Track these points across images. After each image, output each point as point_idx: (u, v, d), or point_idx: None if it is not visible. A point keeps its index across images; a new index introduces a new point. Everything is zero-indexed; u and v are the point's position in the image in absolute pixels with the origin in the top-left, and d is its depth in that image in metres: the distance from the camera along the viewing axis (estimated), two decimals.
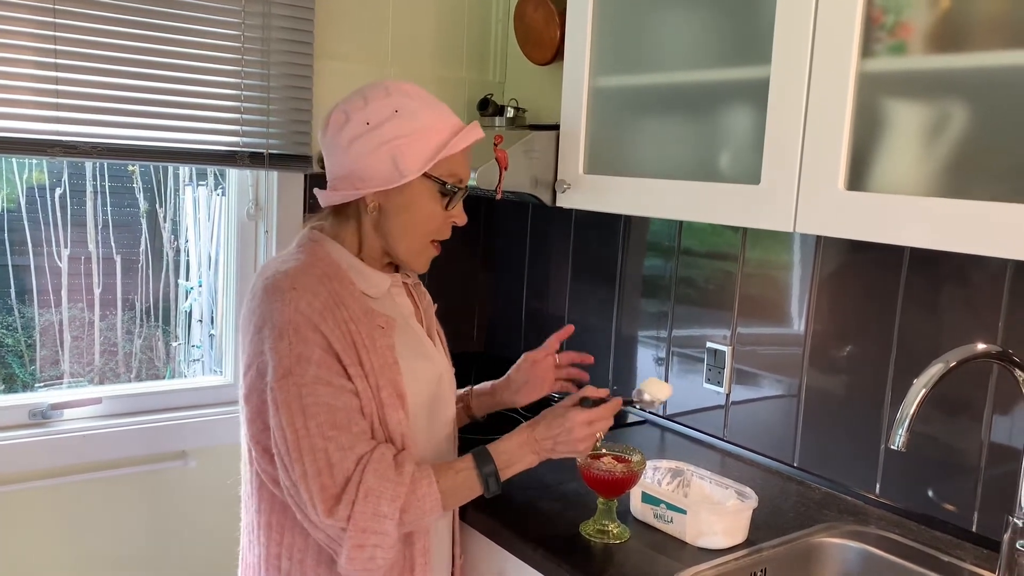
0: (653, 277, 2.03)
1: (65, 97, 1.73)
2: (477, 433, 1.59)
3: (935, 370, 1.14)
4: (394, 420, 1.23)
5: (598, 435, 1.30)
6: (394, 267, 1.38)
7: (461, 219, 1.32)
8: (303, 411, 1.16)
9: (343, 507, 1.14)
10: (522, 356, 1.51)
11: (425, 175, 1.25)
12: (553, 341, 1.50)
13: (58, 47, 1.71)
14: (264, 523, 1.29)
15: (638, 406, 1.39)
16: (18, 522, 1.84)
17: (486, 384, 1.54)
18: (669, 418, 2.00)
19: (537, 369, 1.48)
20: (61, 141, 1.73)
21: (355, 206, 1.29)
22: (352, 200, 1.28)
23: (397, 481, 1.16)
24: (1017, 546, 1.23)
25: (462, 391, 1.54)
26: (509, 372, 1.52)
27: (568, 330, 1.51)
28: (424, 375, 1.32)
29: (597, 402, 1.31)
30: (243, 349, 1.25)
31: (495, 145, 1.69)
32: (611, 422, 1.32)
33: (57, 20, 1.70)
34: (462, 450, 1.42)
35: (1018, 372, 1.20)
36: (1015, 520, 1.23)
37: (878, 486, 1.59)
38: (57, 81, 1.71)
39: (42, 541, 1.87)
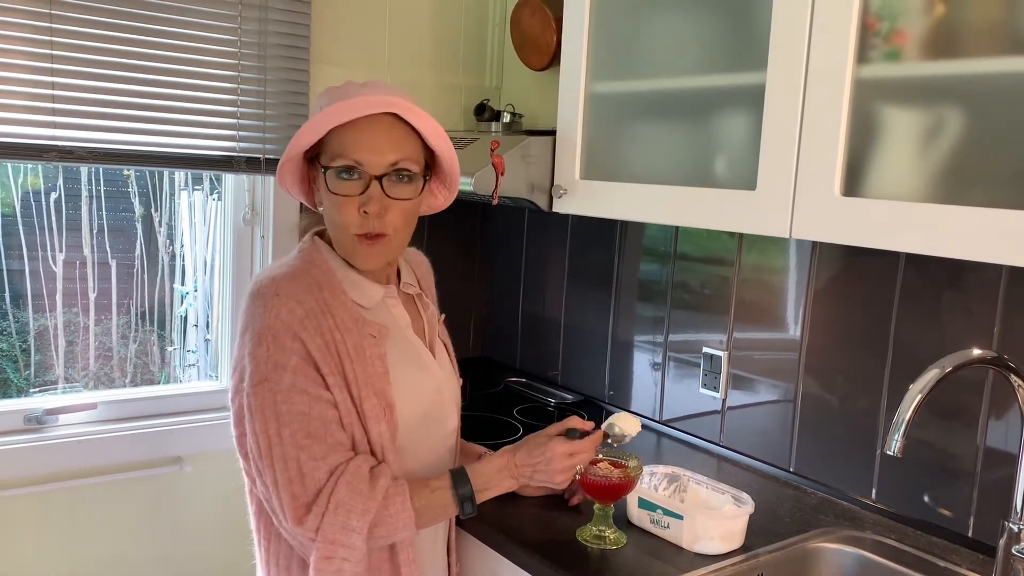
0: (649, 282, 2.03)
1: (61, 102, 1.73)
2: (477, 441, 1.59)
3: (931, 375, 1.14)
4: (375, 432, 1.22)
5: (578, 467, 1.30)
6: (397, 276, 1.37)
7: (370, 206, 1.19)
8: (277, 418, 1.16)
9: (312, 518, 1.14)
10: None
11: (312, 163, 1.25)
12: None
13: (55, 52, 1.71)
14: (255, 527, 1.29)
15: (609, 440, 1.38)
16: (12, 528, 1.83)
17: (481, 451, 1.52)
18: (666, 423, 2.00)
19: None
20: (57, 146, 1.73)
21: None
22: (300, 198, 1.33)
23: (369, 496, 1.16)
24: (1013, 551, 1.23)
25: (484, 451, 1.49)
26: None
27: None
28: (419, 386, 1.31)
29: (582, 434, 1.31)
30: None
31: (492, 151, 1.70)
32: (592, 455, 1.31)
33: (53, 25, 1.70)
34: None
35: (1013, 377, 1.20)
36: (1011, 525, 1.23)
37: (874, 491, 1.59)
38: (53, 86, 1.71)
39: (36, 547, 1.87)
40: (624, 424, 1.39)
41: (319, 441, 1.16)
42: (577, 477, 1.33)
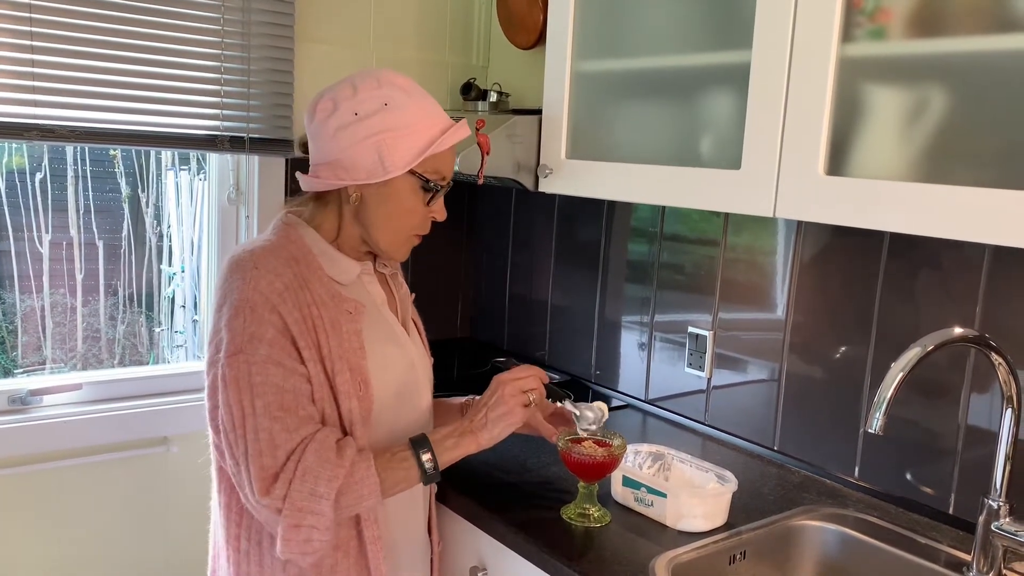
0: (636, 262, 2.03)
1: (42, 80, 1.71)
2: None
3: (912, 354, 1.15)
4: (346, 407, 1.22)
5: (531, 396, 1.27)
6: (372, 255, 1.37)
7: (441, 215, 1.32)
8: (251, 389, 1.16)
9: (280, 486, 1.14)
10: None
11: (410, 171, 1.25)
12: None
13: (34, 29, 1.69)
14: (224, 503, 1.29)
15: (582, 424, 1.39)
16: None
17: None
18: (650, 402, 2.01)
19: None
20: (38, 125, 1.71)
21: (336, 194, 1.29)
22: (334, 188, 1.27)
23: (336, 463, 1.16)
24: (992, 528, 1.24)
25: (464, 399, 1.51)
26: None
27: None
28: (394, 362, 1.32)
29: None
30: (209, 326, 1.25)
31: (477, 130, 1.68)
32: (537, 382, 1.29)
33: (32, 1, 1.68)
34: None
35: (994, 356, 1.21)
36: (990, 502, 1.25)
37: (857, 469, 1.60)
38: (33, 64, 1.69)
39: (21, 528, 1.87)
40: (589, 411, 1.40)
41: (291, 414, 1.17)
42: (560, 449, 1.32)
